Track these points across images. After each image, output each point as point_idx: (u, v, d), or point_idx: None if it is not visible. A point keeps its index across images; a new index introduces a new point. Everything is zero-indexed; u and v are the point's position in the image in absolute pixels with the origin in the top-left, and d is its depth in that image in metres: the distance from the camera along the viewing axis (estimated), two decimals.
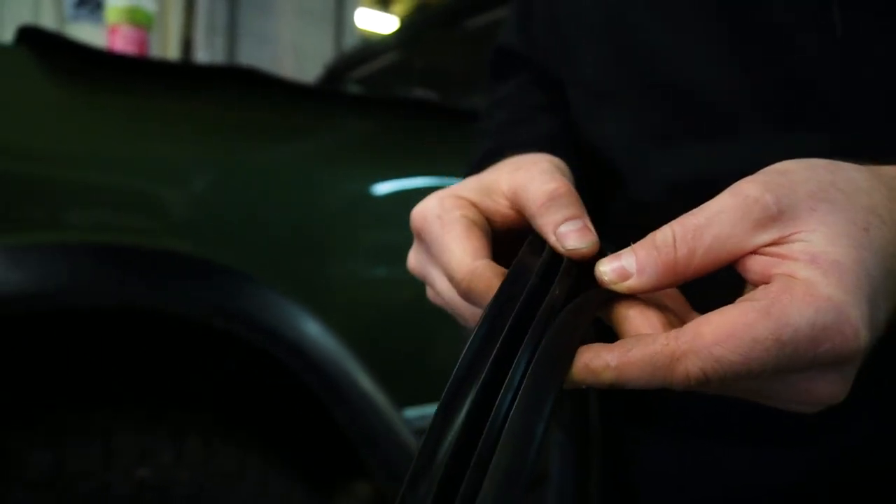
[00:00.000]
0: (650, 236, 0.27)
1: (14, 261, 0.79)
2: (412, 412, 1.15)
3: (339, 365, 1.01)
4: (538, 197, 0.33)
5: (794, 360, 0.23)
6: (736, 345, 0.23)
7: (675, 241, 0.26)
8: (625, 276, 0.27)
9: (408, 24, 2.44)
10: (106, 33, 1.38)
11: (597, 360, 0.25)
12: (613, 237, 0.34)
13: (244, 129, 1.00)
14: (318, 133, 1.10)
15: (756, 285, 0.26)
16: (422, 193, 1.26)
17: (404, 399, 1.13)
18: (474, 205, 0.36)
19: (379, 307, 1.10)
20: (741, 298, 0.25)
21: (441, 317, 1.18)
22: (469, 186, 0.37)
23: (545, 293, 0.28)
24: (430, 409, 1.19)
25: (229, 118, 0.99)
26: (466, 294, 0.32)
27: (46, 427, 0.84)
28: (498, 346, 0.26)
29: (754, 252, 0.26)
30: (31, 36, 0.85)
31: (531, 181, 0.34)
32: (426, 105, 1.18)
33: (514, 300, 0.28)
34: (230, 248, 0.92)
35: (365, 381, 1.05)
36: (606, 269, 0.28)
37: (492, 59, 0.61)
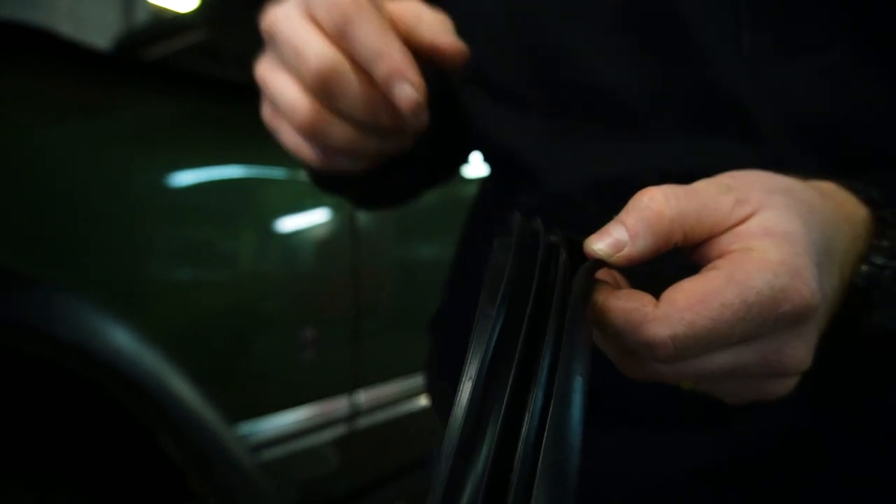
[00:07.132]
0: (633, 201, 0.26)
1: None
2: (247, 427, 1.06)
3: (160, 382, 0.88)
4: None
5: (759, 323, 0.25)
6: (706, 309, 0.24)
7: (665, 198, 0.26)
8: (619, 246, 0.26)
9: (213, 2, 2.23)
10: None
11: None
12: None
13: (25, 101, 0.81)
14: (120, 111, 0.94)
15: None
16: (241, 184, 1.13)
17: (236, 414, 1.03)
18: None
19: (200, 313, 0.98)
20: (704, 269, 0.26)
21: (273, 320, 1.08)
22: None
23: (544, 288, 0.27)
24: (265, 423, 1.09)
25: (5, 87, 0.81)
26: (331, 74, 0.31)
27: None
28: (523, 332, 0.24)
29: (727, 230, 0.27)
30: None
31: None
32: (245, 87, 1.06)
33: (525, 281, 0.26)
34: (7, 249, 0.75)
35: (191, 398, 0.93)
36: (600, 245, 0.27)
37: None
